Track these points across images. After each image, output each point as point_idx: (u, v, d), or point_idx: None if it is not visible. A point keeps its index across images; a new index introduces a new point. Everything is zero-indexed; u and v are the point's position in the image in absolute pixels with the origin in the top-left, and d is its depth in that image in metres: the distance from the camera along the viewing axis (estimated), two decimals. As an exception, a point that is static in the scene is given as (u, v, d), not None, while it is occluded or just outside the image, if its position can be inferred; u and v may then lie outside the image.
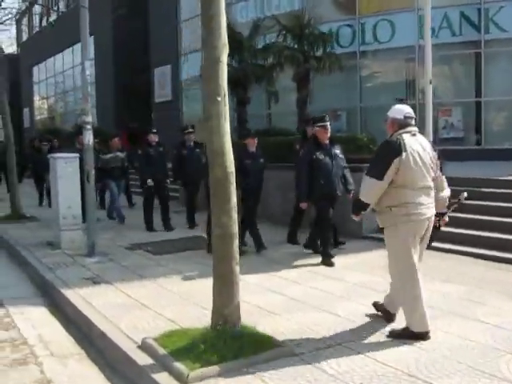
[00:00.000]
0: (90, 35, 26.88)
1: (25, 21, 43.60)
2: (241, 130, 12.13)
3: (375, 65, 16.80)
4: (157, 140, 9.52)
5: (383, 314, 4.48)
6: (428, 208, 4.08)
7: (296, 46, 11.22)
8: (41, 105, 38.60)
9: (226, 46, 3.90)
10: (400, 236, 4.03)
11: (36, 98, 39.01)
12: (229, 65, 10.89)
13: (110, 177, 10.53)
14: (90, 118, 7.16)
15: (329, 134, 6.69)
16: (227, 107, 3.87)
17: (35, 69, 38.64)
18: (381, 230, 4.35)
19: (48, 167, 10.67)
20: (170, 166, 9.76)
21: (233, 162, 3.84)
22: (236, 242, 3.82)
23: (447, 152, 10.45)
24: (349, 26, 16.23)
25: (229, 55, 10.49)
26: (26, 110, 39.65)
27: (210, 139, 3.82)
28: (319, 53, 11.65)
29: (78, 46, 31.46)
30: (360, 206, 4.19)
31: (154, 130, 9.79)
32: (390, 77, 16.63)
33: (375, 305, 4.60)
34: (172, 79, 22.36)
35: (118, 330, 4.38)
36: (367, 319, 4.53)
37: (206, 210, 6.10)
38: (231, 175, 3.78)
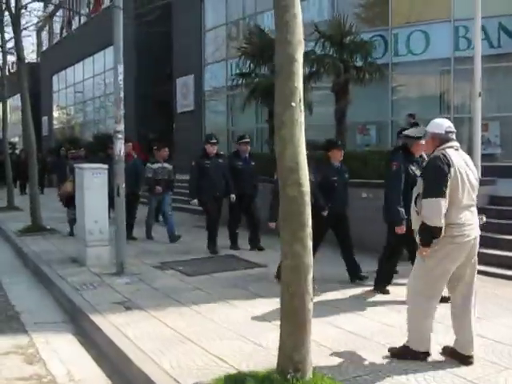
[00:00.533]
0: (109, 45, 26.68)
1: (45, 30, 43.79)
2: (272, 142, 11.57)
3: (407, 77, 16.16)
4: (215, 151, 8.45)
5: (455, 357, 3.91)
6: (473, 228, 3.82)
7: (335, 55, 10.56)
8: (60, 114, 38.45)
9: (302, 44, 3.34)
10: (437, 257, 3.75)
11: (55, 106, 38.89)
12: (262, 74, 10.29)
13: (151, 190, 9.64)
14: (121, 127, 6.63)
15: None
16: (303, 114, 3.30)
17: (55, 78, 38.57)
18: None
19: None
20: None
21: (308, 178, 3.26)
22: (311, 275, 3.22)
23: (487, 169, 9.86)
24: (381, 36, 15.66)
25: (262, 63, 9.96)
26: (44, 119, 39.53)
27: (281, 151, 3.24)
28: (358, 62, 10.95)
29: (98, 55, 31.33)
30: (431, 234, 3.70)
31: (214, 140, 8.42)
32: (424, 89, 15.99)
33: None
34: (195, 89, 21.92)
35: (163, 371, 3.77)
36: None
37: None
38: (307, 195, 3.19)
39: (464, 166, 3.81)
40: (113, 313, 5.19)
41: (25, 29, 19.62)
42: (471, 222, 3.79)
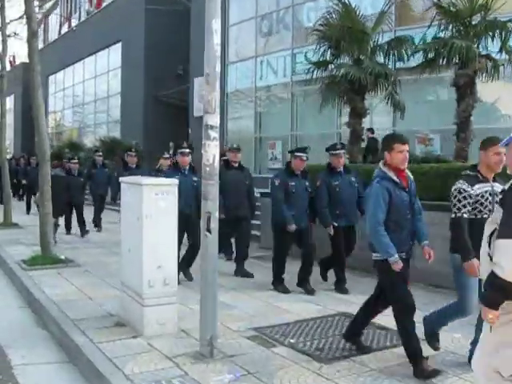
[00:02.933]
0: (117, 41, 24.14)
1: (40, 29, 41.12)
2: (354, 149, 9.09)
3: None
4: (302, 169, 6.49)
5: None
6: None
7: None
8: (56, 117, 35.67)
9: None
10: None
11: (51, 109, 36.12)
12: (347, 64, 7.52)
13: None
14: (216, 119, 4.10)
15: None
16: None
17: (51, 78, 35.84)
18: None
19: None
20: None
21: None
22: None
23: None
24: None
25: (346, 51, 7.44)
26: (39, 123, 36.75)
27: None
28: (491, 49, 8.39)
29: (102, 53, 28.72)
30: (504, 292, 2.43)
31: (302, 155, 6.43)
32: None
33: None
34: (216, 90, 19.37)
35: None
36: None
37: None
38: None
39: None
40: None
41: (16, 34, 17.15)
42: None
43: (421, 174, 6.42)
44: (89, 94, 30.52)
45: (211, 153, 4.03)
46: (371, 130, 13.85)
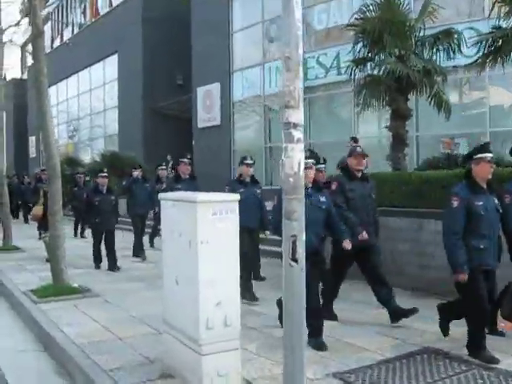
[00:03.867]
0: (114, 52, 23.25)
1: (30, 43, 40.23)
2: (398, 156, 8.21)
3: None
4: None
5: None
6: None
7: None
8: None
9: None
10: None
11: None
12: (392, 60, 6.52)
13: None
14: (301, 117, 3.18)
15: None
16: None
17: (44, 93, 34.84)
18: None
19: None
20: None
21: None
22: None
23: None
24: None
25: (388, 46, 6.49)
26: (32, 139, 35.72)
27: None
28: None
29: (97, 65, 27.79)
30: None
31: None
32: None
33: None
34: (222, 100, 18.52)
35: None
36: None
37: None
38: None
39: None
40: None
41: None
42: None
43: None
44: (84, 108, 29.55)
45: (296, 159, 3.11)
46: (354, 139, 13.29)
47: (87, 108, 29.10)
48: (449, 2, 11.37)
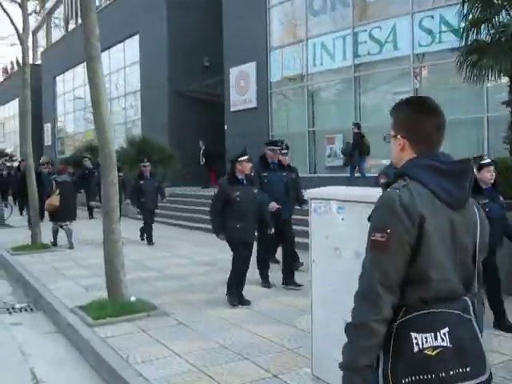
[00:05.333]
0: (135, 33, 21.62)
1: (43, 29, 38.74)
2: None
3: None
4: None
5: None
6: None
7: None
8: (65, 120, 33.30)
9: None
10: None
11: (59, 111, 33.75)
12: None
13: None
14: None
15: None
16: None
17: (59, 79, 33.45)
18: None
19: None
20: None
21: None
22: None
23: None
24: None
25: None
26: (47, 126, 34.41)
27: None
28: None
29: (117, 48, 26.31)
30: None
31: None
32: None
33: None
34: (258, 81, 16.99)
35: None
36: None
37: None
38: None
39: None
40: None
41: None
42: None
43: None
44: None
45: None
46: (357, 125, 12.51)
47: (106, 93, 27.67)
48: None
